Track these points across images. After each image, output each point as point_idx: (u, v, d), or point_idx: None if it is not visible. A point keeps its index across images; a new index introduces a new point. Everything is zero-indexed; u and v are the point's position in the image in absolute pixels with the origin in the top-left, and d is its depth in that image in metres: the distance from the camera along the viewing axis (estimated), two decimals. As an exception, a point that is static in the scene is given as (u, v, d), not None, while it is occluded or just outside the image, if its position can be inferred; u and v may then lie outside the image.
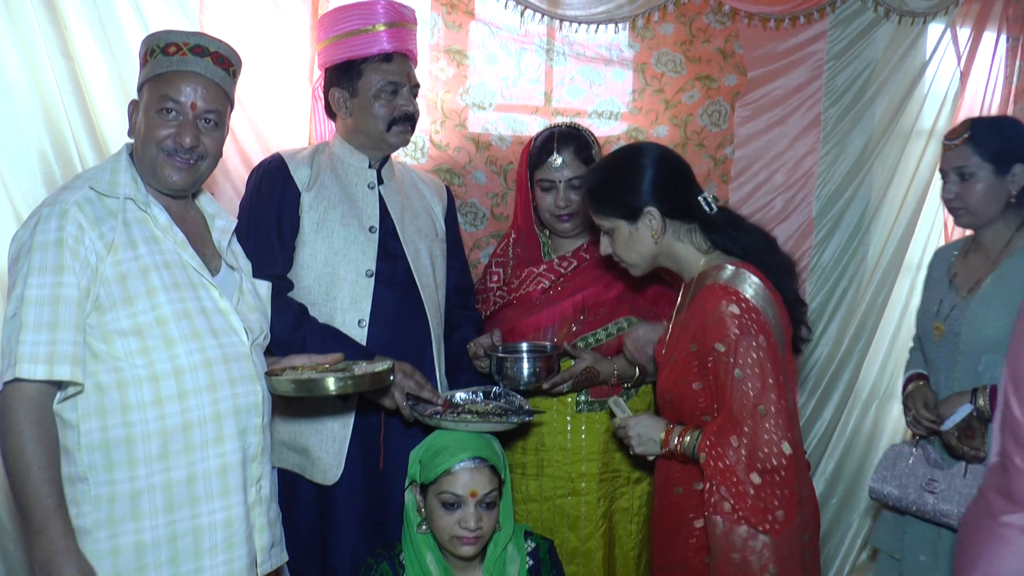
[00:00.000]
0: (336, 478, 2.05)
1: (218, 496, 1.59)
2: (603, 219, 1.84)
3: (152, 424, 1.53)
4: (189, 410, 1.56)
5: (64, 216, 1.51)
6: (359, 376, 1.74)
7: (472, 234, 2.80)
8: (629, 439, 1.82)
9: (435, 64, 2.69)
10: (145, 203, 1.61)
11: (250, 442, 1.65)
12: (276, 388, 1.71)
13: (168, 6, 2.29)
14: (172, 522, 1.55)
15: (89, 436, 1.51)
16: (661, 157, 1.84)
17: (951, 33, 3.15)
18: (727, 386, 1.66)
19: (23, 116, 2.11)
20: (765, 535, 1.62)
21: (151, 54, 1.64)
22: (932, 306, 2.23)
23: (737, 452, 1.63)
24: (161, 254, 1.59)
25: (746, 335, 1.65)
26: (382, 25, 2.06)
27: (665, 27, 2.91)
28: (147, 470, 1.53)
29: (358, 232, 2.08)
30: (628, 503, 2.28)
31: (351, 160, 2.15)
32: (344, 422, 2.06)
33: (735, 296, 1.68)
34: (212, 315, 1.62)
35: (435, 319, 2.16)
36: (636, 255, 1.84)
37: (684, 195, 1.82)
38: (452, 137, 2.74)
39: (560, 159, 2.21)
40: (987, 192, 2.07)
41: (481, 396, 2.07)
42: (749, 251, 1.80)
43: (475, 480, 1.79)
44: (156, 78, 1.63)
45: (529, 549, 1.91)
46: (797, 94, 3.05)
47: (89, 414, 1.51)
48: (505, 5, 2.70)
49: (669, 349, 1.83)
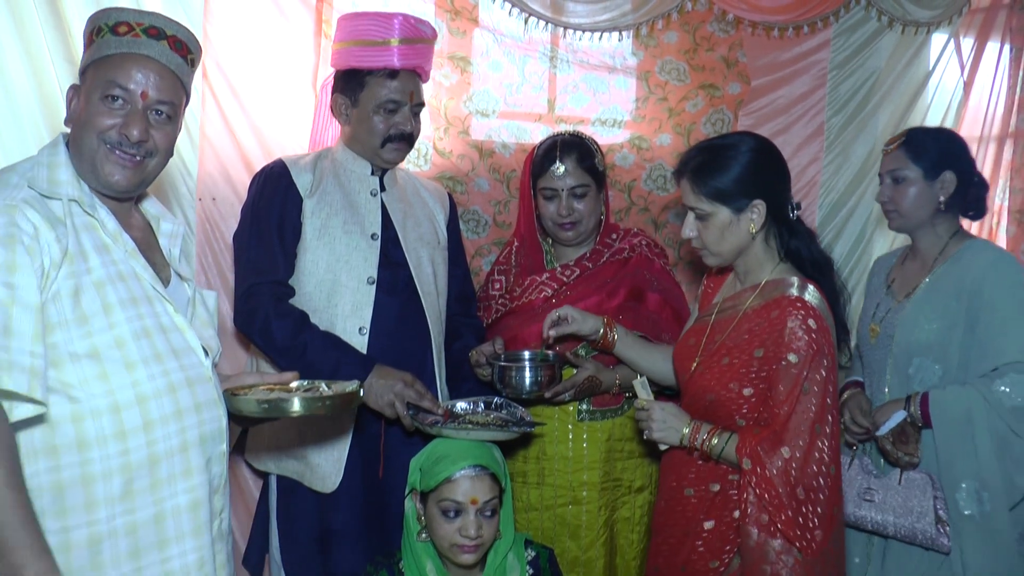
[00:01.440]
0: (335, 486, 2.04)
1: (189, 536, 1.40)
2: (705, 202, 1.76)
3: (114, 460, 1.32)
4: (155, 442, 1.36)
5: (14, 211, 1.29)
6: (329, 398, 1.59)
7: (474, 241, 2.80)
8: (651, 422, 1.80)
9: (439, 71, 2.69)
10: (91, 206, 1.40)
11: (215, 472, 1.47)
12: (241, 408, 1.52)
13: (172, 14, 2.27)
14: (138, 569, 1.35)
15: (37, 478, 1.28)
16: (777, 152, 1.82)
17: (955, 43, 3.15)
18: (789, 398, 1.65)
19: (26, 120, 2.11)
20: (799, 552, 1.61)
21: (97, 33, 1.43)
22: (870, 309, 2.30)
23: (787, 464, 1.63)
24: (113, 264, 1.39)
25: (820, 353, 1.66)
26: (395, 40, 2.03)
27: (669, 35, 2.91)
28: (108, 512, 1.32)
29: (360, 239, 2.08)
30: (630, 512, 2.27)
31: (354, 167, 2.14)
32: (343, 431, 2.05)
33: (813, 312, 1.68)
34: (170, 333, 1.43)
35: (436, 327, 2.15)
36: (727, 246, 1.79)
37: (786, 194, 1.81)
38: (455, 144, 2.74)
39: (562, 167, 2.20)
40: (918, 196, 2.14)
41: (482, 406, 2.06)
42: (818, 266, 1.80)
43: (476, 488, 1.78)
44: (102, 60, 1.42)
45: (529, 558, 1.90)
46: (801, 103, 3.05)
47: (35, 453, 1.29)
48: (509, 12, 2.70)
49: (721, 349, 1.79)
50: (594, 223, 2.28)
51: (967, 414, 2.00)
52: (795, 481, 1.63)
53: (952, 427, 2.01)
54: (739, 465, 1.68)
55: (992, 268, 2.07)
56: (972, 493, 2.01)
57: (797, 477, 1.63)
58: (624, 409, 2.25)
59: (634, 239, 2.32)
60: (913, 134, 2.19)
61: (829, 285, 1.80)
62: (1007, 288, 2.04)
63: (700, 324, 1.91)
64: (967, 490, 2.01)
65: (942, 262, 2.14)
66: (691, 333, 1.93)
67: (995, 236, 3.30)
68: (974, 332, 2.05)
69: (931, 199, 2.14)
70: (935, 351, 2.08)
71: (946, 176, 2.12)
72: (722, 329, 1.82)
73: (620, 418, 2.25)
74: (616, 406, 2.25)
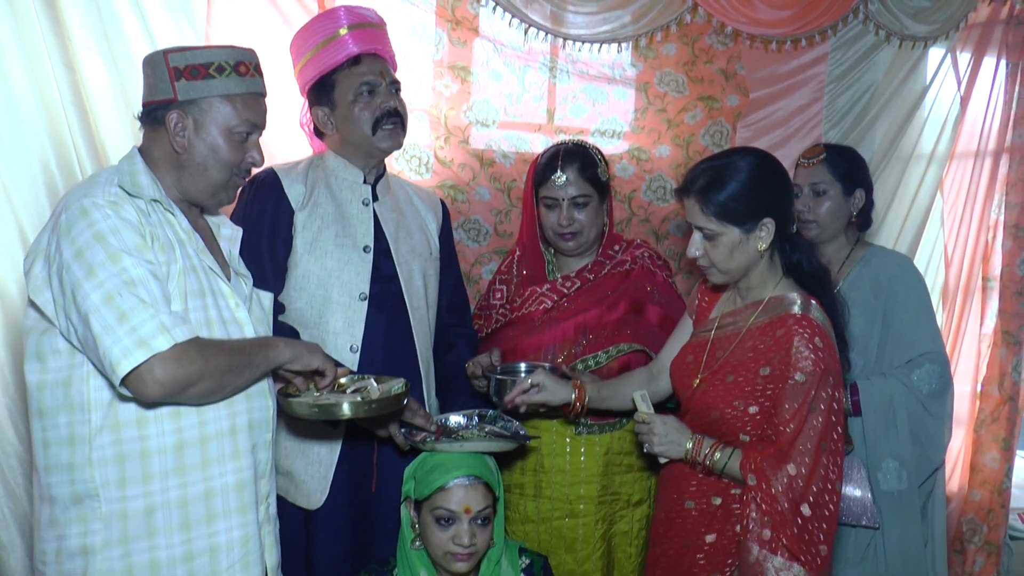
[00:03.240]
0: (320, 503, 2.00)
1: (236, 513, 1.54)
2: (714, 223, 1.73)
3: (169, 437, 1.48)
4: (207, 423, 1.51)
5: (117, 205, 1.45)
6: (376, 400, 1.72)
7: (475, 250, 2.80)
8: (652, 436, 1.79)
9: (439, 80, 2.70)
10: (169, 206, 1.57)
11: (260, 458, 1.61)
12: (295, 411, 1.67)
13: (174, 18, 2.30)
14: (188, 540, 1.49)
15: (102, 450, 1.45)
16: (782, 168, 1.81)
17: (951, 58, 3.17)
18: (796, 416, 1.65)
19: (26, 125, 2.11)
20: (801, 568, 1.62)
21: (219, 70, 1.58)
22: None
23: (792, 480, 1.63)
24: (188, 258, 1.54)
25: (827, 372, 1.66)
26: (344, 29, 2.03)
27: (668, 47, 2.92)
28: (162, 484, 1.47)
29: (352, 252, 2.04)
30: (628, 526, 2.26)
31: (345, 175, 2.11)
32: (331, 447, 2.02)
33: (819, 331, 1.69)
34: (230, 325, 1.57)
35: (423, 342, 2.13)
36: (735, 264, 1.77)
37: (791, 209, 1.80)
38: (456, 153, 2.75)
39: (564, 177, 2.19)
40: (836, 208, 2.33)
41: (476, 419, 2.03)
42: (818, 279, 1.80)
43: (469, 497, 1.79)
44: (232, 97, 1.58)
45: (523, 566, 1.91)
46: (798, 116, 3.07)
47: (103, 428, 1.45)
48: (509, 23, 2.71)
49: (726, 367, 1.78)
50: (595, 234, 2.27)
51: (889, 401, 2.23)
52: (800, 498, 1.62)
53: (877, 413, 2.23)
54: (743, 480, 1.68)
55: (902, 269, 2.33)
56: (893, 471, 2.25)
57: (802, 494, 1.62)
58: (623, 423, 2.23)
59: (636, 251, 2.32)
60: (832, 150, 2.37)
61: (828, 298, 1.80)
62: (915, 287, 2.31)
63: (699, 340, 1.90)
64: (888, 468, 2.25)
65: (851, 265, 2.35)
66: (689, 349, 1.92)
67: (991, 250, 3.30)
68: (889, 326, 2.28)
69: (846, 213, 2.35)
70: (858, 344, 2.22)
71: (857, 193, 2.35)
72: (724, 346, 1.81)
73: (618, 432, 2.24)
74: (614, 420, 2.23)
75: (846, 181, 2.32)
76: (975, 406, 3.32)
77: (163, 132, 1.56)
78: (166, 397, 1.41)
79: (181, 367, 1.39)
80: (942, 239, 3.28)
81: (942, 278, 3.28)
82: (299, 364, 1.61)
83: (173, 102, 1.55)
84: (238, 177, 1.63)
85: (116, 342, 1.36)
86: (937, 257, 3.28)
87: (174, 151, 1.57)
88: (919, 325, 2.27)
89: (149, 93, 1.59)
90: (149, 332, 1.37)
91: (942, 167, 3.22)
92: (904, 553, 2.27)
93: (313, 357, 1.63)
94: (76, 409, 1.45)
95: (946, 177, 3.26)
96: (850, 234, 2.40)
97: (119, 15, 2.23)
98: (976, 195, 3.24)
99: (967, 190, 3.24)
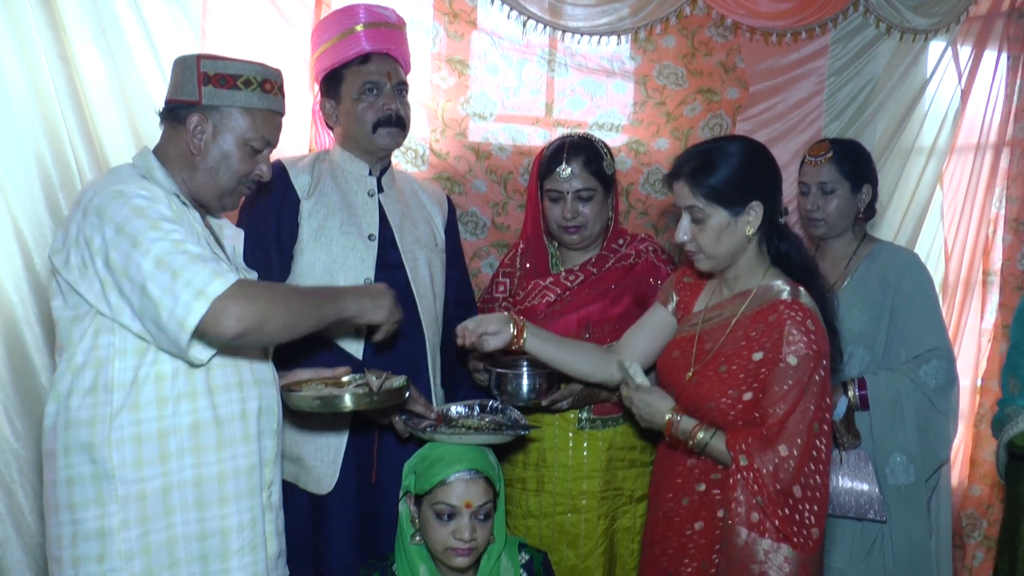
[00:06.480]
0: (330, 488, 2.03)
1: (245, 496, 1.60)
2: (702, 203, 1.75)
3: (185, 417, 1.54)
4: (219, 405, 1.57)
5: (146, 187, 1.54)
6: (378, 393, 1.76)
7: (473, 243, 2.79)
8: (633, 408, 1.85)
9: (436, 73, 2.69)
10: (185, 201, 1.64)
11: (266, 445, 1.66)
12: (298, 404, 1.72)
13: (170, 11, 2.29)
14: (202, 519, 1.56)
15: (121, 431, 1.51)
16: (771, 155, 1.83)
17: (952, 51, 3.16)
18: (787, 397, 1.65)
19: (20, 120, 2.09)
20: (790, 549, 1.62)
21: (246, 83, 1.64)
22: None
23: (783, 461, 1.63)
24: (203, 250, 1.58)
25: (819, 355, 1.67)
26: (361, 26, 2.08)
27: (667, 40, 2.91)
28: (178, 464, 1.54)
29: (357, 240, 2.07)
30: (630, 522, 2.25)
31: (351, 167, 2.14)
32: (339, 433, 2.04)
33: (811, 315, 1.70)
34: None
35: (431, 330, 2.14)
36: (722, 249, 1.78)
37: (779, 197, 1.82)
38: (452, 146, 2.74)
39: (569, 169, 2.18)
40: (844, 206, 2.35)
41: (477, 409, 2.04)
42: (806, 270, 1.81)
43: (470, 491, 1.78)
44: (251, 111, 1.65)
45: (523, 561, 1.90)
46: (798, 109, 3.05)
47: (123, 408, 1.51)
48: (507, 15, 2.69)
49: (718, 358, 1.78)
50: (600, 227, 2.26)
51: (897, 395, 2.26)
52: (791, 479, 1.63)
53: (885, 408, 2.26)
54: (732, 461, 1.68)
55: (910, 266, 2.35)
56: (900, 465, 2.27)
57: (794, 475, 1.63)
58: (626, 418, 2.21)
59: (640, 245, 2.31)
60: (838, 147, 2.37)
61: (817, 290, 1.81)
62: (922, 284, 2.33)
63: (685, 335, 1.90)
64: (896, 463, 2.27)
65: (858, 261, 2.37)
66: (675, 345, 1.92)
67: (992, 245, 3.29)
68: (896, 322, 2.30)
69: (854, 210, 2.37)
70: (867, 339, 2.29)
71: (865, 189, 2.36)
72: (713, 338, 1.81)
73: (621, 427, 2.23)
74: (617, 415, 2.22)
75: (854, 178, 2.33)
76: (975, 401, 3.31)
77: (182, 131, 1.63)
78: (244, 334, 1.46)
79: (250, 302, 1.46)
80: (942, 233, 3.26)
81: (942, 272, 3.26)
82: (363, 320, 1.72)
83: (196, 104, 1.61)
84: (244, 186, 1.69)
85: (176, 300, 1.42)
86: (937, 251, 3.27)
87: (189, 151, 1.63)
88: (926, 321, 2.29)
89: (174, 91, 1.65)
90: (203, 280, 1.44)
91: (942, 161, 3.21)
92: (910, 547, 2.28)
93: (377, 311, 1.72)
94: (100, 390, 1.51)
95: (946, 171, 3.24)
96: (857, 229, 2.41)
97: (115, 7, 2.21)
98: (976, 189, 3.23)
99: (967, 184, 3.23)
